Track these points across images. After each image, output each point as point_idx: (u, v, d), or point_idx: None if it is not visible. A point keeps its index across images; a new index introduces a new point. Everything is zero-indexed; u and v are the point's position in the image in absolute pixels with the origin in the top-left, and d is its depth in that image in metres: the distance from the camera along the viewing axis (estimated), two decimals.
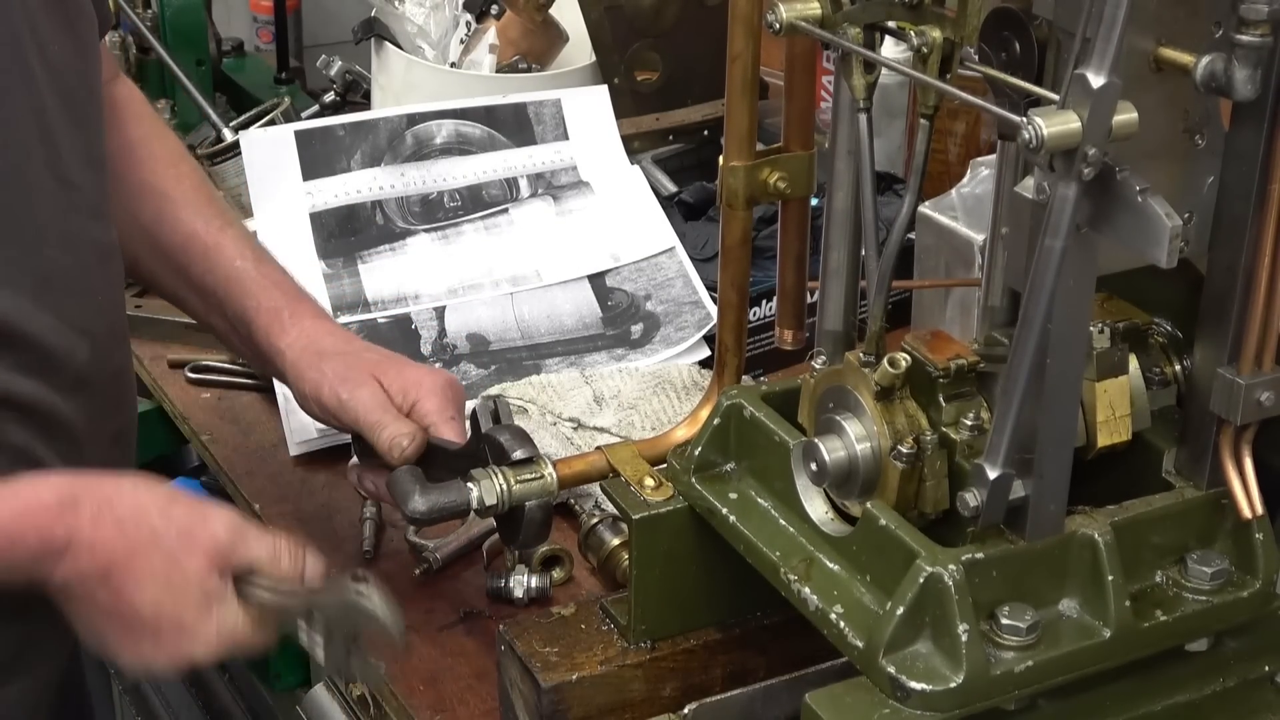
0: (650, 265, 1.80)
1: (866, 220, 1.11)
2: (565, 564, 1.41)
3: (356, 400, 1.33)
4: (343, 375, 1.35)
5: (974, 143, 1.90)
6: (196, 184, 1.46)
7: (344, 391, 1.34)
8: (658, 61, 2.10)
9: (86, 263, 1.25)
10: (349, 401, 1.33)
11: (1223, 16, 0.92)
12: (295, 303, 1.42)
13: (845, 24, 1.05)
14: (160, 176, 1.41)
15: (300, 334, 1.39)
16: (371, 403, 1.33)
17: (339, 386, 1.34)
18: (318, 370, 1.36)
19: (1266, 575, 1.05)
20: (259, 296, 1.40)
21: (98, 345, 1.26)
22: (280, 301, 1.41)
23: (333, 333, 1.42)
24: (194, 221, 1.42)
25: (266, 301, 1.41)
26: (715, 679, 1.20)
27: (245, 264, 1.41)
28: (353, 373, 1.36)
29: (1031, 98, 0.94)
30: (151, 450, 1.80)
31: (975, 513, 0.97)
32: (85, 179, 1.25)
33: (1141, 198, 0.90)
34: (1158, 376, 1.09)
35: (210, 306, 1.43)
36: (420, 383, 1.35)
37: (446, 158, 1.90)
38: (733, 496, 1.13)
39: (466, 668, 1.32)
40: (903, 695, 0.96)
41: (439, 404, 1.33)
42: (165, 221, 1.41)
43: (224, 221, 1.44)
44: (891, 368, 1.02)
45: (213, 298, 1.41)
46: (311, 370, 1.37)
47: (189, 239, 1.41)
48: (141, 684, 2.01)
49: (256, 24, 2.79)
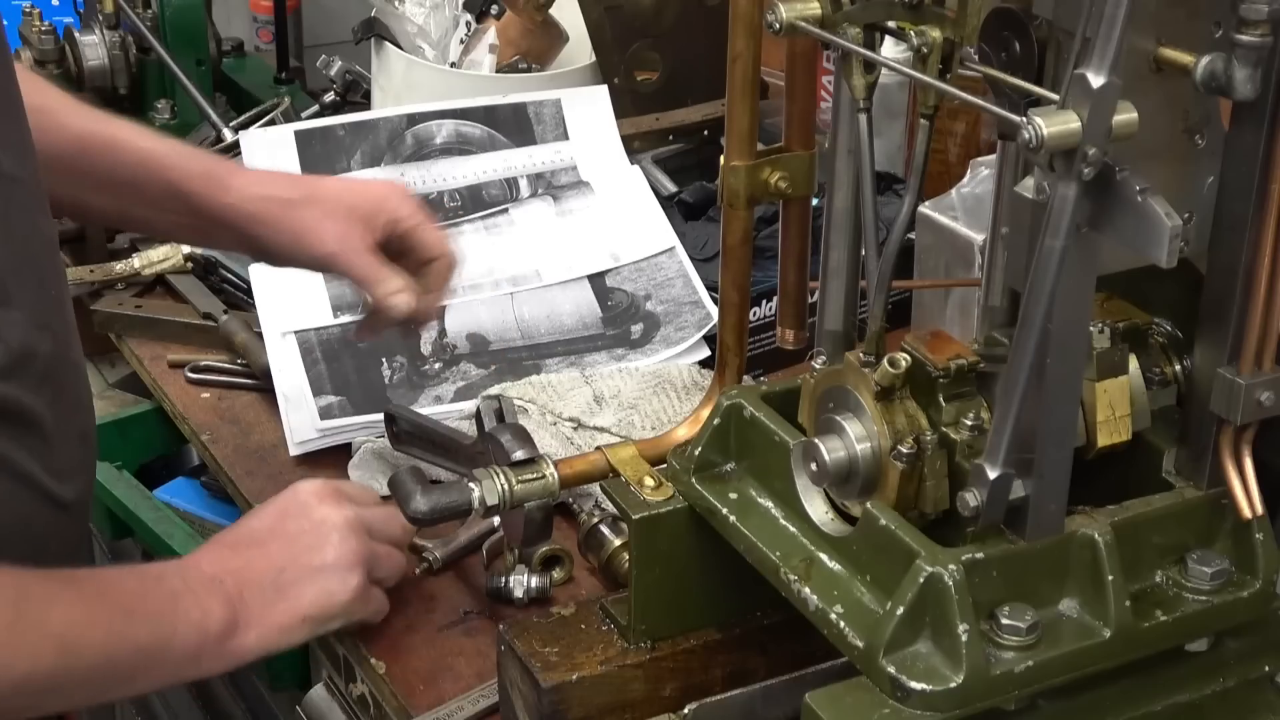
0: (650, 265, 1.80)
1: (866, 220, 1.11)
2: (565, 564, 1.41)
3: (347, 252, 1.36)
4: (322, 222, 1.37)
5: (974, 143, 1.90)
6: (66, 95, 1.43)
7: (331, 240, 1.36)
8: (658, 61, 2.10)
9: (38, 256, 1.23)
10: (341, 253, 1.36)
11: (1223, 16, 0.92)
12: (221, 162, 1.40)
13: (845, 24, 1.05)
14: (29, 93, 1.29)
15: (246, 185, 1.38)
16: (362, 251, 1.37)
17: (324, 238, 1.36)
18: (294, 219, 1.37)
19: (1266, 575, 1.05)
20: (181, 167, 1.37)
21: (57, 339, 1.23)
22: (207, 164, 1.39)
23: (275, 177, 1.44)
24: (81, 123, 1.37)
25: (194, 167, 1.38)
26: (715, 679, 1.20)
27: (152, 144, 1.38)
28: (331, 219, 1.37)
29: (1031, 98, 0.94)
30: (151, 450, 1.80)
31: (975, 513, 0.97)
32: (21, 171, 1.21)
33: (1141, 198, 0.90)
34: (1158, 376, 1.09)
35: (127, 199, 1.38)
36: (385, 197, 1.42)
37: (446, 158, 1.90)
38: (733, 496, 1.13)
39: (466, 668, 1.32)
40: (903, 695, 0.96)
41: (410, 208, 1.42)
42: (49, 131, 1.32)
43: (109, 117, 1.39)
44: (891, 368, 1.02)
45: (128, 188, 1.37)
46: (286, 220, 1.37)
47: (82, 139, 1.36)
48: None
49: (256, 24, 2.79)
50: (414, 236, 1.43)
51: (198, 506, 1.74)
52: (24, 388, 1.18)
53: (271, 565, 1.25)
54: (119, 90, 2.28)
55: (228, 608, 1.20)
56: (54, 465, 1.21)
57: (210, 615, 1.19)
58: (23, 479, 1.19)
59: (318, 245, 1.38)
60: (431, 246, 1.43)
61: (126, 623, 1.15)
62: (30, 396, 1.19)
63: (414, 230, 1.42)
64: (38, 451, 1.20)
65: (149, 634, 1.17)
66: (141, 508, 1.64)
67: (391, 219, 1.41)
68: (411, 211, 1.43)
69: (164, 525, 1.61)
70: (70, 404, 1.26)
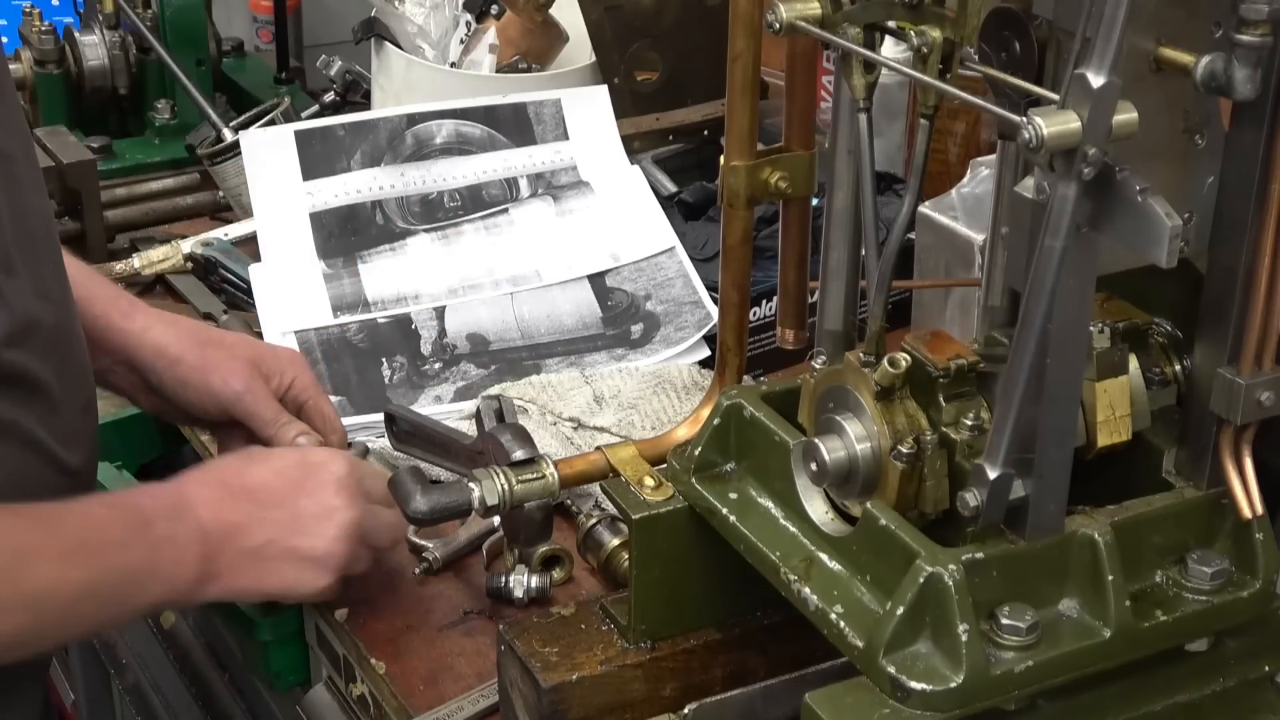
0: (650, 265, 1.80)
1: (866, 220, 1.11)
2: (565, 564, 1.41)
3: (254, 394, 1.39)
4: (228, 366, 1.39)
5: (974, 143, 1.90)
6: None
7: (236, 383, 1.39)
8: (658, 61, 2.10)
9: (36, 230, 1.24)
10: (245, 395, 1.39)
11: (1223, 16, 0.92)
12: (128, 296, 1.42)
13: (845, 24, 1.05)
14: None
15: (150, 319, 1.40)
16: (266, 398, 1.40)
17: (230, 378, 1.39)
18: (203, 356, 1.39)
19: (1266, 575, 1.05)
20: (85, 285, 1.37)
21: (59, 310, 1.25)
22: (110, 290, 1.41)
23: (179, 318, 1.44)
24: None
25: (99, 290, 1.40)
26: (715, 679, 1.20)
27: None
28: (237, 364, 1.40)
29: (1031, 98, 0.94)
30: (151, 450, 1.80)
31: (975, 513, 0.97)
32: (15, 149, 1.23)
33: (1141, 198, 0.90)
34: (1158, 376, 1.09)
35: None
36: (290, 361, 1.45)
37: (446, 158, 1.90)
38: (733, 496, 1.13)
39: (466, 668, 1.32)
40: (903, 695, 0.96)
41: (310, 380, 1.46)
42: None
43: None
44: (891, 368, 1.02)
45: None
46: (194, 355, 1.39)
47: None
48: (141, 683, 2.01)
49: (256, 24, 2.80)
50: (310, 410, 1.45)
51: None
52: (31, 355, 1.20)
53: (263, 534, 1.25)
54: (119, 90, 2.28)
55: (203, 564, 1.21)
56: (61, 432, 1.24)
57: (183, 571, 1.21)
58: (32, 445, 1.21)
59: (223, 385, 1.40)
60: (326, 421, 1.45)
61: (101, 576, 1.17)
62: (37, 363, 1.21)
63: (311, 403, 1.45)
64: (45, 419, 1.22)
65: (118, 587, 1.19)
66: None
67: (291, 385, 1.44)
68: (311, 383, 1.46)
69: None
70: (74, 373, 1.28)
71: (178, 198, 2.16)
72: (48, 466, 1.23)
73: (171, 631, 1.90)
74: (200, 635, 1.84)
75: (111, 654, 2.07)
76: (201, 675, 1.83)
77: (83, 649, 2.09)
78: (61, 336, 1.25)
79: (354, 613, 1.38)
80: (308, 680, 1.50)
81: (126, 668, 2.04)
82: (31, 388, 1.21)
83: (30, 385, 1.20)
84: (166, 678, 1.92)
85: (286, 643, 1.48)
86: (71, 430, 1.26)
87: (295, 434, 1.40)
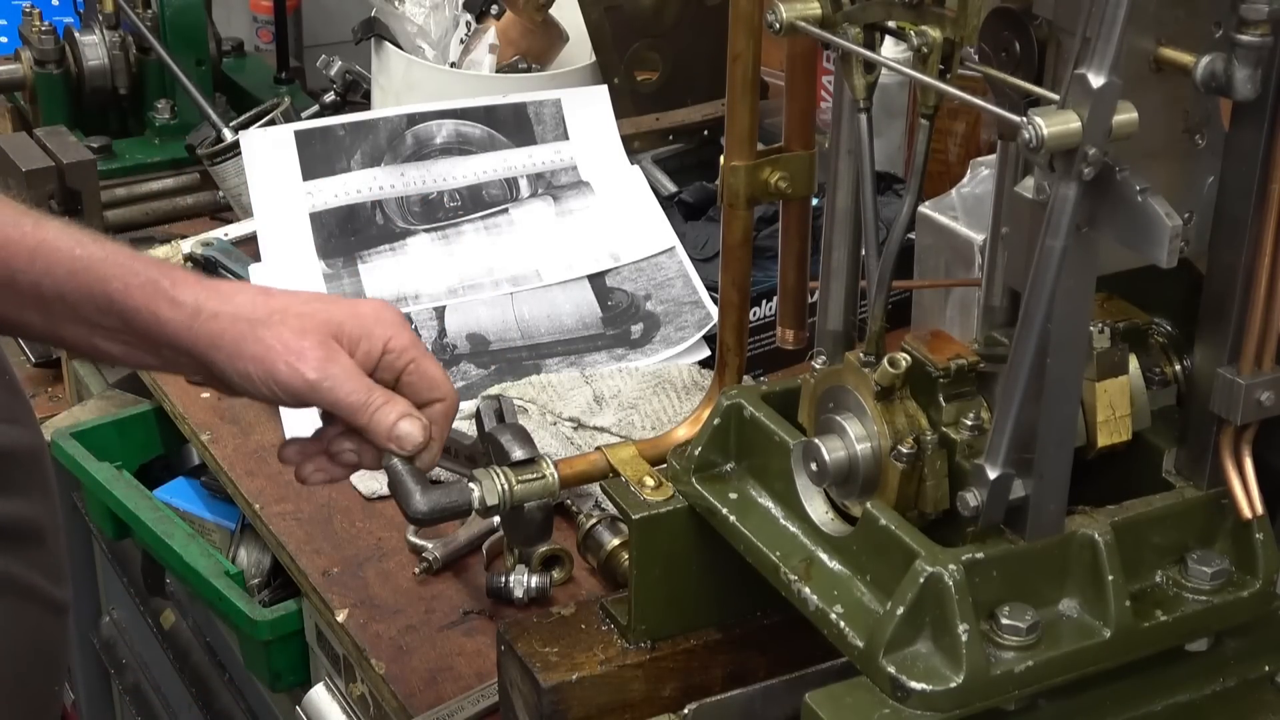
0: (650, 265, 1.80)
1: (866, 220, 1.11)
2: (565, 564, 1.41)
3: (332, 379, 1.12)
4: (295, 347, 1.11)
5: (974, 143, 1.90)
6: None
7: (309, 369, 1.11)
8: (658, 61, 2.10)
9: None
10: (320, 384, 1.11)
11: (1223, 16, 0.92)
12: (170, 270, 1.14)
13: (845, 24, 1.05)
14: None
15: (199, 299, 1.13)
16: (349, 379, 1.12)
17: (300, 364, 1.11)
18: (258, 343, 1.12)
19: (1266, 575, 1.05)
20: (121, 277, 1.12)
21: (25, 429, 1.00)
22: (152, 272, 1.13)
23: (236, 290, 1.17)
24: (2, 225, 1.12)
25: (134, 278, 1.12)
26: (715, 679, 1.20)
27: (86, 250, 1.12)
28: (306, 342, 1.12)
29: (1031, 98, 0.94)
30: (151, 450, 1.80)
31: (975, 513, 0.97)
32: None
33: (1141, 198, 0.90)
34: (1158, 376, 1.09)
35: (58, 316, 1.13)
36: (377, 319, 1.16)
37: (446, 158, 1.90)
38: (733, 496, 1.13)
39: (466, 668, 1.32)
40: (903, 695, 0.96)
41: (409, 338, 1.17)
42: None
43: (36, 218, 1.14)
44: (891, 368, 1.02)
45: (59, 304, 1.12)
46: (250, 343, 1.12)
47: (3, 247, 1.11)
48: (141, 683, 2.01)
49: (256, 24, 2.80)
50: (412, 372, 1.16)
51: (197, 507, 1.74)
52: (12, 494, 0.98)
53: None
54: (119, 90, 2.28)
55: None
56: (53, 568, 1.01)
57: None
58: (27, 594, 0.99)
59: (291, 375, 1.11)
60: (434, 385, 1.17)
61: None
62: (20, 502, 0.98)
63: (413, 365, 1.16)
64: (38, 560, 1.00)
65: None
66: (141, 508, 1.64)
67: (385, 348, 1.15)
68: (410, 341, 1.16)
69: (164, 525, 1.61)
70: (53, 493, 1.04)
71: (178, 198, 2.16)
72: (47, 612, 1.00)
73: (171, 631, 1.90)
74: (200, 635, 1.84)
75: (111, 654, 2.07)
76: (201, 675, 1.83)
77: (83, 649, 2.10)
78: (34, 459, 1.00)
79: (354, 613, 1.38)
80: (308, 680, 1.51)
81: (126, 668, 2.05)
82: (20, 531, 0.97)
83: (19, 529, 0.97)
84: (166, 678, 1.92)
85: (286, 643, 1.48)
86: (61, 562, 1.02)
87: (394, 419, 1.13)
